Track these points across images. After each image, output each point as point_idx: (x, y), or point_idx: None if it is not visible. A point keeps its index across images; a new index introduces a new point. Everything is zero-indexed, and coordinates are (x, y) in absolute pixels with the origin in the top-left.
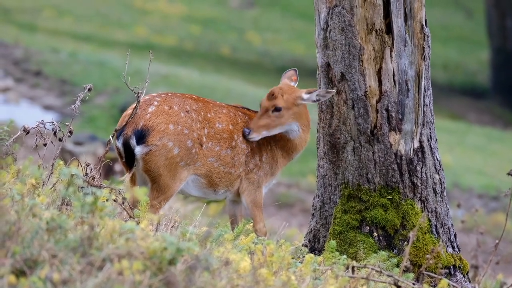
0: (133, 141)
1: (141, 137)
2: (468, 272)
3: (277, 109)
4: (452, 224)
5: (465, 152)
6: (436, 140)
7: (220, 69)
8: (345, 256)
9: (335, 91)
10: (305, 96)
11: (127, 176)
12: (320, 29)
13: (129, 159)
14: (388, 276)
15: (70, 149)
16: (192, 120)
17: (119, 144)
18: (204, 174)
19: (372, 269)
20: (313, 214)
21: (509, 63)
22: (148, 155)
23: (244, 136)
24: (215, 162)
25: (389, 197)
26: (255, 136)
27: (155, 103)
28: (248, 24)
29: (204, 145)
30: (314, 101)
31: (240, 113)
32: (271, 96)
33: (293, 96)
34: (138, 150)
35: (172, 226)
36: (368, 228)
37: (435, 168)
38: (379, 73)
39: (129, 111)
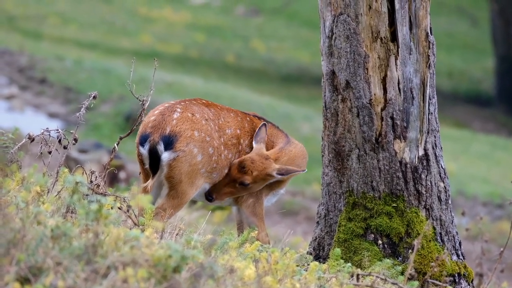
0: (160, 147)
1: (169, 143)
2: (473, 280)
3: (243, 184)
4: (456, 232)
5: (469, 160)
6: (441, 148)
7: (225, 77)
8: (349, 264)
9: (305, 171)
10: (276, 175)
11: (149, 183)
12: (325, 37)
13: (153, 165)
14: (393, 284)
15: (75, 156)
16: (211, 129)
17: (143, 150)
18: (214, 182)
19: (376, 277)
20: (317, 222)
21: None
22: (175, 161)
23: (208, 200)
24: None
25: (394, 205)
26: (219, 202)
27: (178, 109)
28: (253, 32)
29: (223, 155)
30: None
31: (248, 118)
32: (242, 168)
33: (263, 174)
34: (166, 156)
35: (177, 234)
36: (372, 236)
37: (440, 176)
38: (384, 81)
39: (151, 117)
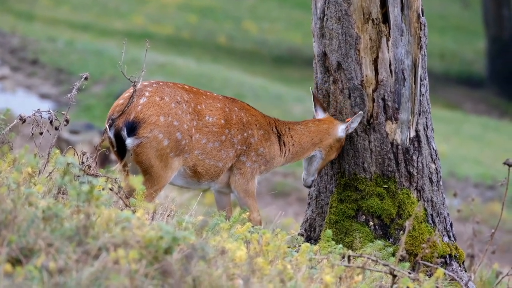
0: (124, 133)
1: (132, 129)
2: (464, 261)
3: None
4: (448, 214)
5: (461, 141)
6: (432, 129)
7: (217, 58)
8: (341, 245)
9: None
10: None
11: (118, 166)
12: (317, 18)
13: (120, 149)
14: (384, 265)
15: (66, 137)
16: (183, 111)
17: (110, 134)
18: (191, 165)
19: (368, 258)
20: (309, 203)
21: (505, 53)
22: (139, 147)
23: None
24: (200, 155)
25: (385, 186)
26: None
27: (146, 94)
28: (245, 13)
29: (193, 137)
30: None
31: (236, 108)
32: None
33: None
34: (129, 142)
35: (168, 215)
36: (364, 217)
37: (431, 157)
38: (375, 62)
39: (120, 101)
